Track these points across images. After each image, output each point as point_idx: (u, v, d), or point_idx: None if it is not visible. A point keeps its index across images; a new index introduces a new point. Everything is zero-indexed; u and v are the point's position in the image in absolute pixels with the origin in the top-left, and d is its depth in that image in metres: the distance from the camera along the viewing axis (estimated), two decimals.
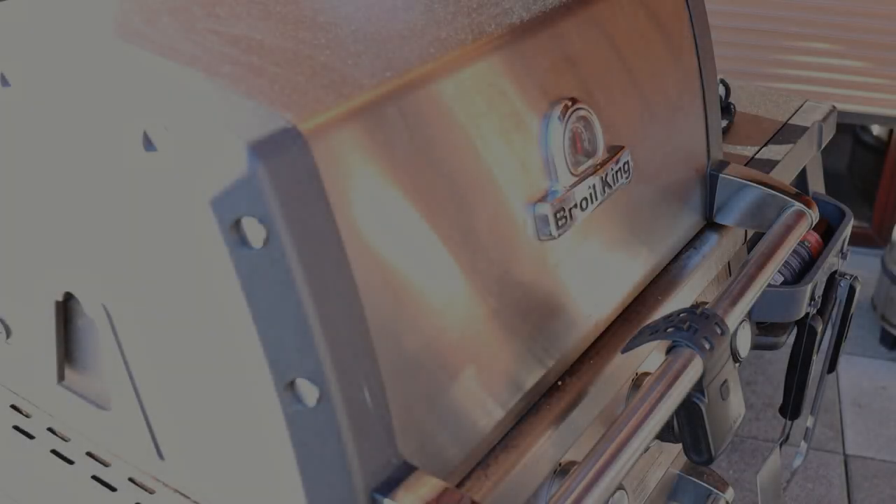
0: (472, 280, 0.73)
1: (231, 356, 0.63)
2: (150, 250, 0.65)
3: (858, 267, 3.06)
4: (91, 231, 0.70)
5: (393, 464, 0.65)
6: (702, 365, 0.80)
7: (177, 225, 0.62)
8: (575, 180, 0.83)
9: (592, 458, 0.71)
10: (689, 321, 0.81)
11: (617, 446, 0.72)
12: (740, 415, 0.87)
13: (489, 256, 0.75)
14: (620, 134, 0.91)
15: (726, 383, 0.84)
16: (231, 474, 0.70)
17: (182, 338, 0.67)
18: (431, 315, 0.70)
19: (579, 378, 0.85)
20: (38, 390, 0.86)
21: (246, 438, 0.66)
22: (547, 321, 0.82)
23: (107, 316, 0.72)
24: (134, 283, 0.68)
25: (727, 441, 0.85)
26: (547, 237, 0.80)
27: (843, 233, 1.25)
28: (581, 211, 0.83)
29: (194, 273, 0.62)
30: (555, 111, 0.81)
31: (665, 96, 0.99)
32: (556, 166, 0.81)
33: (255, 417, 0.63)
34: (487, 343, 0.75)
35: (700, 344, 0.80)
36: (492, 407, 0.77)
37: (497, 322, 0.76)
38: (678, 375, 0.78)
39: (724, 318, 0.85)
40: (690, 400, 0.81)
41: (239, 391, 0.64)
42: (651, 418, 0.75)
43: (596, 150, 0.86)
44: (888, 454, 2.47)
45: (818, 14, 2.90)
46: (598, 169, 0.85)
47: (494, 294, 0.76)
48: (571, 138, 0.83)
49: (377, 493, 0.64)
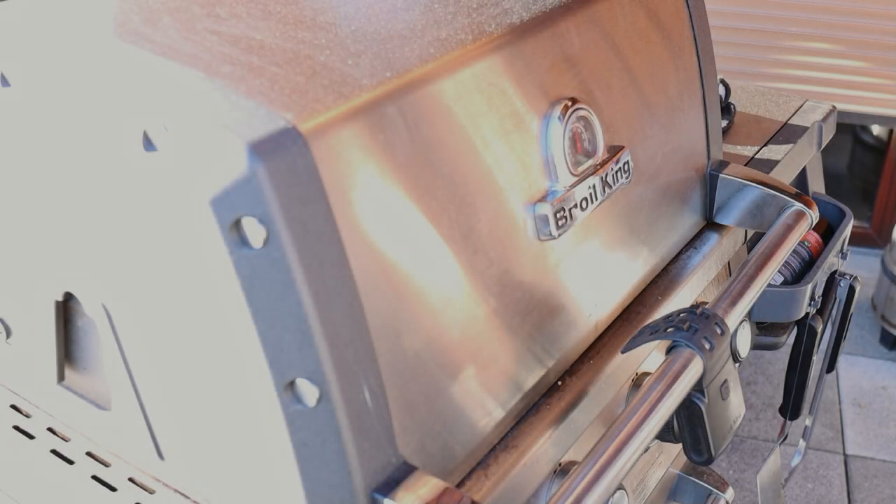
0: (472, 280, 0.73)
1: (231, 356, 0.63)
2: (149, 250, 0.65)
3: (858, 267, 3.06)
4: (91, 231, 0.70)
5: (393, 464, 0.65)
6: (702, 365, 0.80)
7: (177, 225, 0.62)
8: (575, 180, 0.83)
9: (592, 458, 0.71)
10: (689, 321, 0.81)
11: (617, 446, 0.72)
12: (740, 415, 0.87)
13: (489, 256, 0.75)
14: (620, 134, 0.91)
15: (726, 383, 0.84)
16: (231, 474, 0.70)
17: (182, 338, 0.67)
18: (431, 315, 0.70)
19: (579, 378, 0.85)
20: (38, 390, 0.86)
21: (246, 438, 0.66)
22: (547, 321, 0.82)
23: (107, 316, 0.72)
24: (134, 283, 0.68)
25: (727, 441, 0.85)
26: (547, 237, 0.80)
27: (843, 233, 1.25)
28: (581, 211, 0.83)
29: (194, 273, 0.62)
30: (555, 111, 0.81)
31: (665, 96, 0.99)
32: (556, 166, 0.81)
33: (255, 417, 0.63)
34: (487, 343, 0.76)
35: (700, 344, 0.80)
36: (492, 407, 0.77)
37: (497, 322, 0.76)
38: (678, 375, 0.78)
39: (724, 318, 0.85)
40: (690, 400, 0.81)
41: (239, 391, 0.64)
42: (651, 418, 0.75)
43: (596, 150, 0.86)
44: (888, 454, 2.47)
45: (818, 14, 2.90)
46: (598, 169, 0.85)
47: (494, 294, 0.76)
48: (571, 138, 0.83)
49: (377, 493, 0.64)
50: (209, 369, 0.66)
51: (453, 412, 0.73)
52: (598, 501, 0.69)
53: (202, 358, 0.66)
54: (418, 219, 0.68)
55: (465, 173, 0.73)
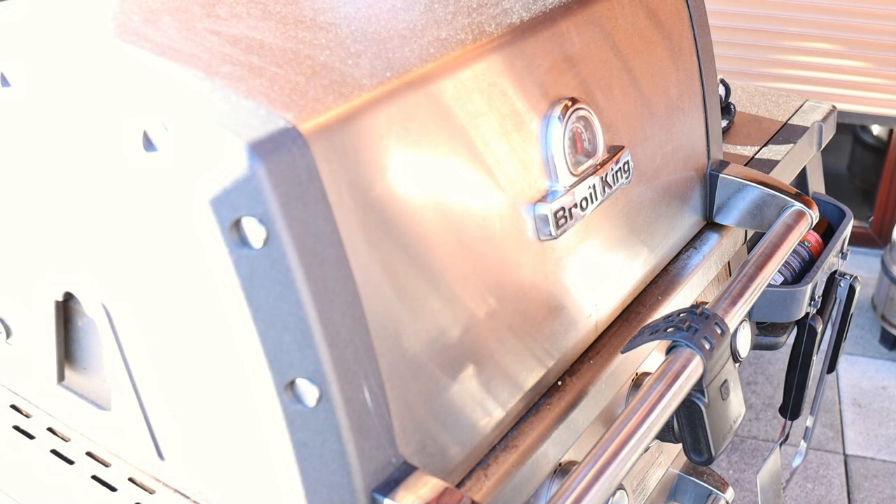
0: (472, 280, 0.73)
1: (231, 356, 0.63)
2: (149, 250, 0.65)
3: (858, 267, 3.06)
4: (91, 231, 0.70)
5: (393, 464, 0.65)
6: (702, 365, 0.80)
7: (177, 225, 0.62)
8: (575, 180, 0.83)
9: (593, 458, 0.71)
10: (690, 321, 0.81)
11: (617, 446, 0.72)
12: (740, 415, 0.87)
13: (489, 256, 0.75)
14: (620, 134, 0.91)
15: (726, 383, 0.84)
16: (231, 474, 0.70)
17: (182, 338, 0.67)
18: (431, 315, 0.70)
19: (579, 378, 0.85)
20: (38, 390, 0.86)
21: (246, 438, 0.66)
22: (547, 321, 0.82)
23: (107, 316, 0.72)
24: (133, 282, 0.68)
25: (727, 441, 0.85)
26: (547, 237, 0.80)
27: (843, 233, 1.25)
28: (581, 211, 0.83)
29: (194, 273, 0.62)
30: (555, 111, 0.81)
31: (665, 96, 0.99)
32: (556, 166, 0.81)
33: (255, 418, 0.63)
34: (487, 343, 0.76)
35: (700, 344, 0.80)
36: (492, 406, 0.77)
37: (497, 322, 0.76)
38: (678, 375, 0.78)
39: (724, 318, 0.85)
40: (690, 400, 0.81)
41: (239, 391, 0.64)
42: (651, 418, 0.75)
43: (596, 150, 0.86)
44: (888, 454, 2.47)
45: (818, 14, 2.90)
46: (598, 169, 0.85)
47: (494, 294, 0.76)
48: (571, 138, 0.83)
49: (377, 493, 0.64)
50: (209, 369, 0.66)
51: (453, 412, 0.73)
52: (598, 501, 0.69)
53: (202, 358, 0.66)
54: (418, 219, 0.68)
55: (465, 173, 0.73)
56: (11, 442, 0.83)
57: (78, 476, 0.80)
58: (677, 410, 0.80)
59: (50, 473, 0.80)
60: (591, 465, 0.71)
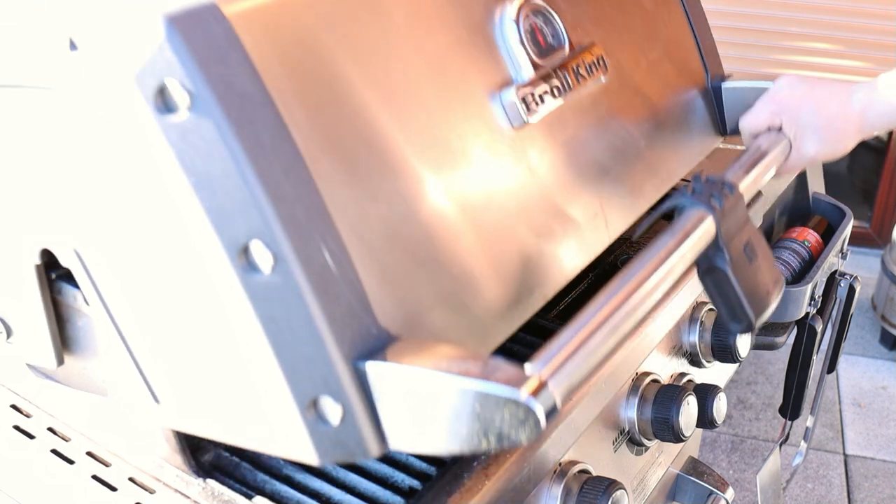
0: (439, 153, 0.71)
1: (181, 234, 0.60)
2: (102, 168, 0.64)
3: (858, 267, 3.06)
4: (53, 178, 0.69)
5: (373, 334, 0.61)
6: (714, 222, 0.75)
7: (106, 112, 0.61)
8: (542, 70, 0.82)
9: (597, 305, 0.65)
10: (694, 187, 0.77)
11: (625, 295, 0.67)
12: (777, 283, 0.80)
13: (455, 141, 0.73)
14: (590, 34, 0.90)
15: (750, 244, 0.78)
16: (217, 384, 0.67)
17: (139, 237, 0.65)
18: (394, 184, 0.67)
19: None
20: (37, 386, 0.86)
21: (217, 332, 0.63)
22: (547, 212, 0.79)
23: (80, 262, 0.70)
24: (95, 213, 0.67)
25: (768, 309, 0.79)
26: (520, 124, 0.79)
27: (843, 233, 1.24)
28: (554, 98, 0.82)
29: (130, 155, 0.61)
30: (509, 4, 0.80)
31: (637, 3, 0.98)
32: (517, 57, 0.80)
33: (219, 302, 0.61)
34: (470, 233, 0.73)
35: (708, 202, 0.75)
36: (491, 283, 0.73)
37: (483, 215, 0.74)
38: (688, 233, 0.73)
39: (734, 182, 0.81)
40: (712, 266, 0.76)
41: (197, 273, 0.61)
42: (663, 270, 0.70)
43: (562, 44, 0.85)
44: (888, 454, 2.47)
45: (818, 14, 2.90)
46: (567, 61, 0.85)
47: (474, 188, 0.73)
48: (530, 31, 0.82)
49: (358, 361, 0.59)
50: (168, 263, 0.63)
51: (444, 287, 0.69)
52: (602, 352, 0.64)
53: (160, 251, 0.63)
54: (366, 97, 0.67)
55: (419, 58, 0.71)
56: (11, 442, 0.83)
57: (78, 476, 0.80)
58: (705, 284, 0.76)
59: (50, 473, 0.80)
60: (594, 312, 0.65)
